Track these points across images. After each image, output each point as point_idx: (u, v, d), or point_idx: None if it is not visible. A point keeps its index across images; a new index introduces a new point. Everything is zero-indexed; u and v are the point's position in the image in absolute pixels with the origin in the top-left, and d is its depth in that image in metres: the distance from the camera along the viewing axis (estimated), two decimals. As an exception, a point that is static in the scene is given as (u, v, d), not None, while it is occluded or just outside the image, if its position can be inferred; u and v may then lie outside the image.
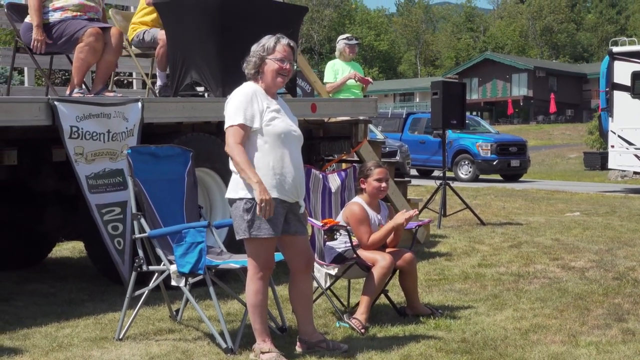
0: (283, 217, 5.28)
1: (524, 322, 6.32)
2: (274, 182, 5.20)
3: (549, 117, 61.68)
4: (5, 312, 6.71)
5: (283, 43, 5.38)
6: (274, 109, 5.31)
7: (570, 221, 13.19)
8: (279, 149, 5.25)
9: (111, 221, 7.03)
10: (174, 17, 8.25)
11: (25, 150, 7.04)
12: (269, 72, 5.35)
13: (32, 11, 7.63)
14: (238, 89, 5.40)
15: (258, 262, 5.29)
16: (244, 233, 5.25)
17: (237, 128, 5.21)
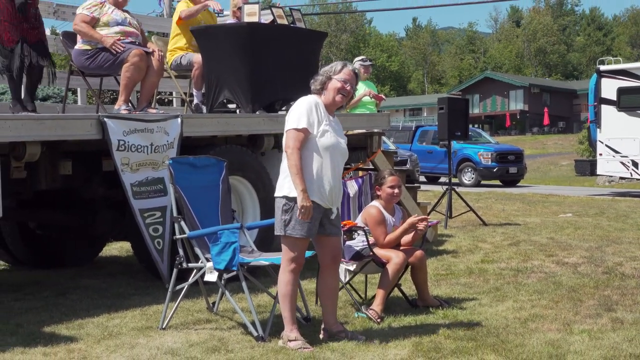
0: (318, 221, 5.30)
1: (523, 312, 6.29)
2: (314, 187, 5.22)
3: (543, 128, 61.46)
4: (62, 305, 6.75)
5: (349, 68, 5.45)
6: (328, 124, 5.33)
7: (563, 222, 13.13)
8: (323, 159, 5.27)
9: (152, 224, 7.05)
10: (209, 42, 8.30)
11: (78, 161, 7.10)
12: (332, 89, 5.38)
13: (87, 32, 7.66)
14: (303, 97, 5.42)
15: (290, 257, 5.31)
16: (280, 230, 5.29)
17: (299, 132, 5.21)
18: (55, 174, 6.94)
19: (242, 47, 8.08)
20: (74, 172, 7.08)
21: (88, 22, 7.68)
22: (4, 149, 6.24)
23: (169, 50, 8.89)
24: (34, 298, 7.09)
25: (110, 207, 7.73)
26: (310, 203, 5.13)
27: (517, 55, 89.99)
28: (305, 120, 5.22)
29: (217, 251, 5.62)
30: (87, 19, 7.69)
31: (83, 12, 7.74)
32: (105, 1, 7.86)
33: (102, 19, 7.78)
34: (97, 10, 7.78)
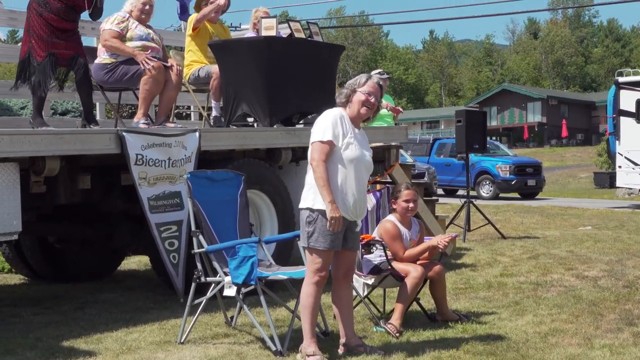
0: (342, 234, 5.29)
1: (543, 326, 6.25)
2: (339, 199, 5.21)
3: (561, 141, 61.17)
4: (81, 319, 6.77)
5: (374, 80, 5.47)
6: (353, 136, 5.33)
7: (582, 235, 13.04)
8: (348, 172, 5.27)
9: (168, 238, 7.05)
10: (226, 56, 8.32)
11: (97, 175, 7.13)
12: (357, 102, 5.39)
13: (119, 47, 7.69)
14: (328, 110, 5.43)
15: (314, 269, 5.29)
16: (304, 242, 5.31)
17: (325, 145, 5.22)
18: (75, 188, 6.97)
19: (260, 61, 8.09)
20: (93, 186, 7.11)
21: (117, 37, 7.73)
22: (24, 164, 6.27)
23: (185, 64, 8.92)
24: (53, 312, 7.12)
25: (128, 220, 7.75)
26: (339, 214, 5.13)
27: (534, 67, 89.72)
28: (331, 133, 5.23)
29: (235, 265, 5.62)
30: (116, 34, 7.73)
31: (112, 29, 7.75)
32: (129, 17, 7.92)
33: (127, 34, 7.83)
34: (124, 25, 7.83)
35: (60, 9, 7.25)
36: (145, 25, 8.03)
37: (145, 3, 7.98)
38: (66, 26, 7.36)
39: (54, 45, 7.28)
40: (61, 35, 7.32)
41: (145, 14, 8.00)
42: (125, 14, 7.93)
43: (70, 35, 7.43)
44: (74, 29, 7.49)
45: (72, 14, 7.38)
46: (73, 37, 7.48)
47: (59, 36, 7.30)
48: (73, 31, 7.48)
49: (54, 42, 7.30)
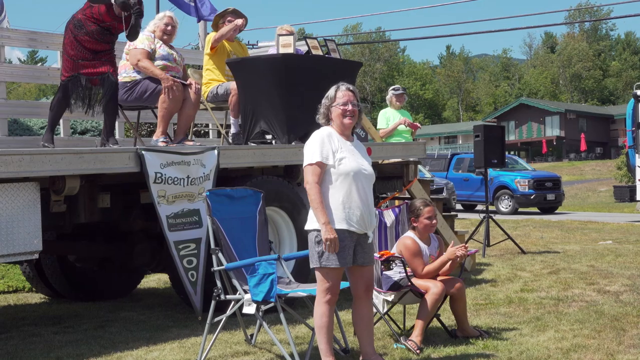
0: (352, 249, 5.26)
1: (565, 342, 6.19)
2: (343, 215, 5.20)
3: (580, 154, 60.91)
4: (101, 338, 6.78)
5: (342, 89, 5.41)
6: (346, 150, 5.32)
7: (603, 249, 12.95)
8: (348, 186, 5.25)
9: (186, 256, 7.05)
10: (244, 73, 8.35)
11: (116, 194, 7.16)
12: (336, 117, 5.38)
13: (149, 67, 7.74)
14: (315, 132, 5.41)
15: (325, 288, 5.27)
16: (315, 262, 5.27)
17: (315, 166, 5.22)
18: (94, 207, 7.00)
19: (277, 78, 8.12)
20: (113, 205, 7.14)
21: (148, 56, 7.81)
22: (44, 183, 6.32)
23: (203, 82, 8.96)
24: (73, 331, 7.13)
25: (148, 239, 7.77)
26: (334, 235, 5.11)
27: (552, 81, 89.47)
28: (319, 154, 5.23)
29: (255, 283, 5.61)
30: (147, 54, 7.80)
31: (144, 48, 7.81)
32: (154, 36, 7.97)
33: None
34: (152, 44, 7.89)
35: (95, 31, 7.36)
36: (169, 46, 8.09)
37: (167, 24, 8.05)
38: (100, 47, 7.48)
39: (82, 66, 7.39)
40: (91, 56, 7.43)
41: (168, 34, 8.06)
42: (151, 34, 7.99)
43: (102, 55, 7.52)
44: (108, 49, 7.59)
45: (106, 36, 7.50)
46: (105, 56, 7.56)
47: (88, 57, 7.41)
48: (106, 51, 7.58)
49: (82, 64, 7.40)
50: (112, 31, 7.50)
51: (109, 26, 7.42)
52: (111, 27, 7.44)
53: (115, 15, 7.39)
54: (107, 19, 7.38)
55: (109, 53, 7.60)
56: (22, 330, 7.25)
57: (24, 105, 10.40)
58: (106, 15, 7.36)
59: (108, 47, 7.56)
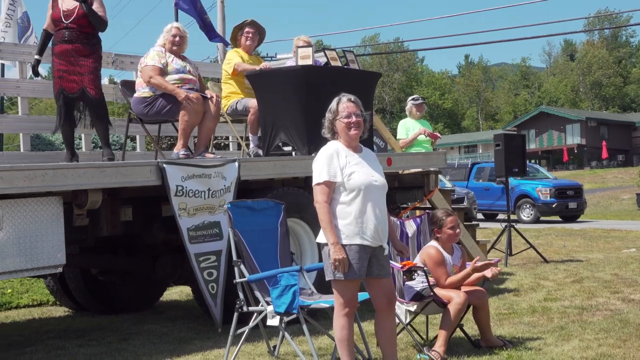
0: (366, 261, 5.22)
1: (590, 351, 6.14)
2: (357, 229, 5.16)
3: (601, 162, 60.51)
4: (125, 350, 6.80)
5: (344, 101, 5.34)
6: (354, 163, 5.26)
7: (627, 257, 12.85)
8: (360, 200, 5.20)
9: (207, 268, 7.06)
10: (264, 86, 8.38)
11: (138, 207, 7.19)
12: (341, 130, 5.33)
13: (162, 84, 7.77)
14: (322, 149, 5.37)
15: (342, 300, 5.24)
16: (330, 275, 5.23)
17: (322, 186, 5.19)
18: (116, 221, 7.04)
19: (297, 90, 8.13)
20: (134, 218, 7.17)
21: (161, 73, 7.82)
22: (67, 197, 6.36)
23: (223, 96, 9.01)
24: (97, 344, 7.16)
25: (169, 251, 7.80)
26: (343, 255, 5.08)
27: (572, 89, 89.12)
28: (326, 173, 5.19)
29: (277, 294, 5.62)
30: (159, 70, 7.82)
31: (155, 65, 7.83)
32: (165, 50, 8.01)
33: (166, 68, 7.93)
34: (163, 59, 7.92)
35: (57, 32, 7.50)
36: (181, 57, 8.12)
37: (175, 35, 8.07)
38: (65, 48, 7.51)
39: (63, 79, 7.52)
40: (68, 66, 7.49)
41: (177, 45, 8.08)
42: (162, 49, 8.02)
43: (78, 65, 7.53)
44: (80, 53, 7.57)
45: (68, 34, 7.53)
46: (82, 68, 7.56)
47: (66, 68, 7.49)
48: (81, 61, 7.57)
49: (63, 76, 7.52)
50: (68, 24, 7.54)
51: (59, 16, 7.54)
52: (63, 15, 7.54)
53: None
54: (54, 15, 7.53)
55: (85, 63, 7.60)
56: (46, 343, 7.29)
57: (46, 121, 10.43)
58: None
59: (78, 48, 7.57)
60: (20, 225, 5.93)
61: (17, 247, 5.90)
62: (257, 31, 9.16)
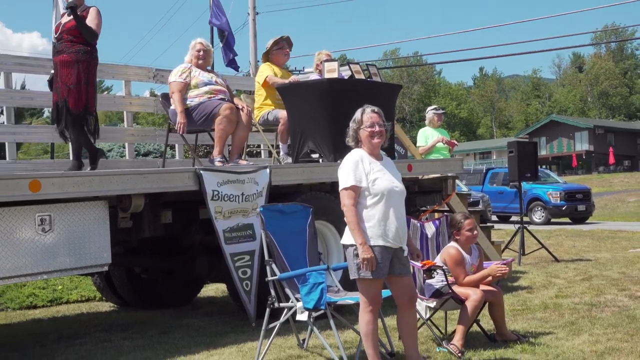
0: (388, 261, 5.21)
1: (599, 345, 6.08)
2: (380, 232, 5.16)
3: (608, 167, 59.90)
4: (165, 343, 6.84)
5: (368, 112, 5.36)
6: (377, 170, 5.27)
7: (633, 256, 12.70)
8: (383, 204, 5.20)
9: (241, 267, 7.08)
10: (293, 97, 8.39)
11: (177, 210, 7.22)
12: (365, 138, 5.34)
13: (175, 103, 7.85)
14: (347, 156, 5.37)
15: (367, 298, 5.24)
16: (354, 274, 5.23)
17: (349, 190, 5.19)
18: (157, 223, 7.07)
19: (324, 101, 8.13)
20: (174, 221, 7.20)
21: (182, 89, 7.89)
22: (112, 202, 6.41)
23: (255, 107, 9.03)
24: (140, 337, 7.20)
25: (206, 251, 7.82)
26: (371, 255, 5.07)
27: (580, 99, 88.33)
28: (352, 178, 5.19)
29: (306, 291, 5.62)
30: (181, 86, 7.89)
31: (177, 80, 7.91)
32: (191, 66, 8.07)
33: (192, 82, 7.97)
34: (187, 74, 7.97)
35: (53, 44, 7.29)
36: (207, 70, 8.16)
37: (199, 49, 8.14)
38: (55, 59, 7.33)
39: (55, 91, 7.35)
40: (58, 77, 7.27)
41: (202, 58, 8.13)
42: (187, 64, 8.10)
43: (64, 76, 7.23)
44: (66, 64, 7.23)
45: (58, 45, 7.29)
46: (67, 79, 7.23)
47: (58, 78, 7.28)
48: (66, 72, 7.22)
49: (55, 91, 7.35)
50: (60, 35, 7.30)
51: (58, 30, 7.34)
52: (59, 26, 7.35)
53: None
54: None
55: (63, 77, 7.26)
56: (94, 336, 7.35)
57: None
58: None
59: (66, 59, 7.26)
60: (70, 228, 5.99)
61: (67, 247, 5.96)
62: (289, 47, 9.21)
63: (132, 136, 9.57)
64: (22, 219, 5.70)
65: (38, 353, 6.63)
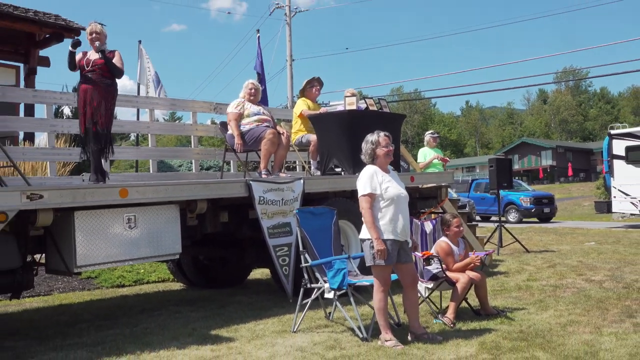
0: (396, 252, 5.19)
1: (562, 318, 5.98)
2: (390, 228, 5.14)
3: (568, 178, 59.15)
4: (223, 315, 6.84)
5: (382, 135, 5.39)
6: (388, 180, 5.27)
7: (588, 248, 12.49)
8: (393, 207, 5.19)
9: (281, 256, 7.07)
10: (322, 124, 8.39)
11: (232, 212, 7.22)
12: (381, 156, 5.33)
13: (233, 128, 7.87)
14: (364, 170, 5.37)
15: (380, 280, 5.22)
16: (370, 262, 5.21)
17: (367, 197, 5.18)
18: (217, 222, 7.08)
19: (345, 128, 8.12)
20: (230, 220, 7.21)
21: (237, 118, 7.88)
22: (182, 205, 6.43)
23: (292, 132, 9.03)
24: (203, 310, 7.22)
25: (254, 244, 7.82)
26: (384, 247, 5.07)
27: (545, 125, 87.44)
28: (369, 187, 5.18)
29: (332, 275, 5.59)
30: (237, 115, 7.90)
31: (234, 111, 7.92)
32: (244, 100, 8.09)
33: (245, 112, 7.99)
34: (241, 107, 7.99)
35: (82, 75, 6.66)
36: (257, 104, 8.18)
37: (251, 88, 8.17)
38: (85, 87, 6.63)
39: (84, 115, 6.66)
40: (85, 103, 6.60)
41: (253, 95, 8.16)
42: (241, 99, 8.12)
43: (93, 102, 6.59)
44: (98, 93, 6.60)
45: (93, 76, 6.63)
46: (95, 104, 6.59)
47: (88, 105, 6.61)
48: (96, 99, 6.59)
49: (84, 112, 6.65)
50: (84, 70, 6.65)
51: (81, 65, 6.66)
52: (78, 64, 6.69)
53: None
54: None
55: (91, 102, 6.60)
56: (168, 309, 7.37)
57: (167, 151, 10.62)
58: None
59: (91, 88, 6.62)
60: (150, 225, 6.02)
61: (147, 240, 5.99)
62: (320, 86, 9.20)
63: (197, 154, 9.62)
64: (114, 218, 5.73)
65: (125, 321, 6.67)
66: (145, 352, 5.17)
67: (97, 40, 6.65)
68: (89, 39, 6.69)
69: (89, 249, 5.52)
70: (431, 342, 5.20)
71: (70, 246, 5.48)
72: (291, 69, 26.91)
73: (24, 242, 5.57)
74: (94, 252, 5.56)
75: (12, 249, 5.36)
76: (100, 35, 6.66)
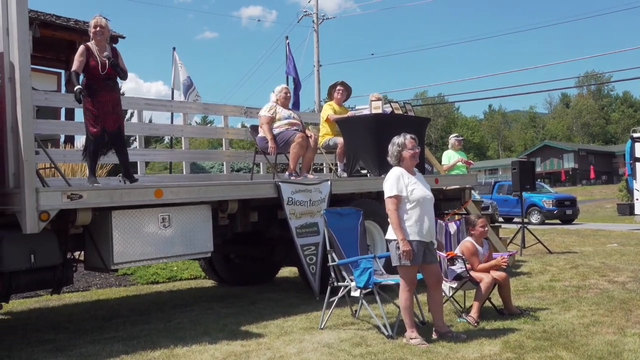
0: (422, 252, 5.15)
1: (585, 319, 5.87)
2: (416, 229, 5.10)
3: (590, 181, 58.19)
4: (253, 311, 6.85)
5: (408, 138, 5.34)
6: (414, 182, 5.22)
7: (611, 250, 12.25)
8: (419, 208, 5.15)
9: (309, 255, 7.06)
10: (349, 128, 8.38)
11: (262, 212, 7.23)
12: (407, 158, 5.29)
13: (265, 131, 7.88)
14: (390, 172, 5.33)
15: (405, 280, 5.18)
16: (396, 262, 5.17)
17: (393, 198, 5.15)
18: (247, 221, 7.09)
19: (371, 131, 8.10)
20: (259, 220, 7.22)
21: (269, 121, 7.90)
22: (214, 205, 6.46)
23: (320, 135, 9.02)
24: (234, 306, 7.24)
25: (283, 243, 7.83)
26: (409, 248, 5.02)
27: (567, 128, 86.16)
28: (395, 189, 5.13)
29: (358, 274, 5.57)
30: (269, 119, 7.92)
31: (267, 114, 7.94)
32: (276, 104, 8.10)
33: (276, 116, 8.00)
34: (273, 111, 8.01)
35: (91, 80, 6.35)
36: (288, 108, 8.19)
37: (286, 92, 8.20)
38: (115, 95, 6.44)
39: (98, 118, 6.37)
40: (98, 107, 6.35)
41: (286, 99, 8.18)
42: (273, 103, 8.13)
43: (106, 104, 6.38)
44: (107, 96, 6.37)
45: (110, 82, 6.43)
46: (106, 106, 6.38)
47: (97, 108, 6.34)
48: (106, 101, 6.37)
49: (98, 115, 6.35)
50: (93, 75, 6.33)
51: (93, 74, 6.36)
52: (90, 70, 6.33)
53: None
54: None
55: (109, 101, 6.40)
56: (200, 304, 7.41)
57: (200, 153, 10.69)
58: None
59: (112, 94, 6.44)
60: (183, 224, 6.06)
61: (181, 239, 6.03)
62: (345, 89, 9.18)
63: (228, 157, 9.67)
64: (149, 218, 5.78)
65: (159, 316, 6.73)
66: (178, 347, 5.20)
67: (101, 34, 6.35)
68: (92, 32, 6.36)
69: (125, 247, 5.58)
70: (455, 340, 5.14)
71: (107, 244, 5.54)
72: (318, 74, 26.94)
73: (64, 240, 5.65)
74: (130, 250, 5.61)
75: (53, 247, 5.45)
76: (104, 29, 6.38)
